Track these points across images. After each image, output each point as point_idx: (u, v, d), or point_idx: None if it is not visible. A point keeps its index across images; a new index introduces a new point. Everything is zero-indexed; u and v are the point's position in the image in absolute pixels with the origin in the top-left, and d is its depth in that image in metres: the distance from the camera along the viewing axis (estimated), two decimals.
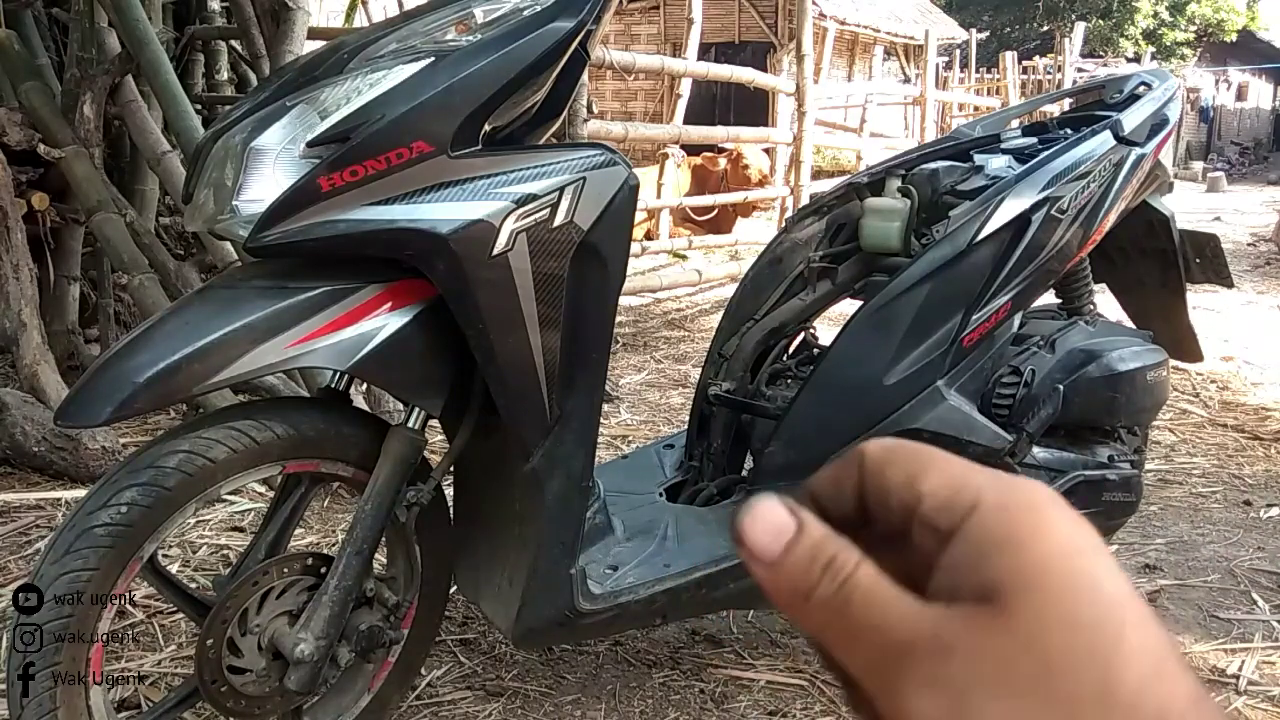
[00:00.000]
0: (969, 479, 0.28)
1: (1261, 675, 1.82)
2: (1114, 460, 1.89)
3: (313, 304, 1.19)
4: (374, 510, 1.29)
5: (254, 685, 1.27)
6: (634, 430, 3.16)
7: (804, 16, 5.65)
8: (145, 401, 1.12)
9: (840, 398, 1.66)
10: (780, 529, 0.28)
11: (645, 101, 13.31)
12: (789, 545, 0.28)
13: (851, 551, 0.28)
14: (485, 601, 1.52)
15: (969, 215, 1.67)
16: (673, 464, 1.91)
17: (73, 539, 1.16)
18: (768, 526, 0.28)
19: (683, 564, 1.54)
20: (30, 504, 2.30)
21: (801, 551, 0.28)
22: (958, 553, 0.27)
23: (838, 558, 0.28)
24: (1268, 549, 2.37)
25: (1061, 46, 15.20)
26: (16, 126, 2.88)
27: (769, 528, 0.28)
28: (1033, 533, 0.26)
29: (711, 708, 1.68)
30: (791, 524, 0.28)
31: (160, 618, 1.87)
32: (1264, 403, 3.56)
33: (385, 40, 1.24)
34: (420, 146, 1.17)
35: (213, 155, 1.24)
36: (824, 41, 12.66)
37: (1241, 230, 9.10)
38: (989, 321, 1.69)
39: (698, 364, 3.67)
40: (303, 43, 3.01)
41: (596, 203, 1.28)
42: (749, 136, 6.67)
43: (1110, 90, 2.08)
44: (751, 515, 0.28)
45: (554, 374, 1.31)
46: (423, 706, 1.67)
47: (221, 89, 3.92)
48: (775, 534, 0.28)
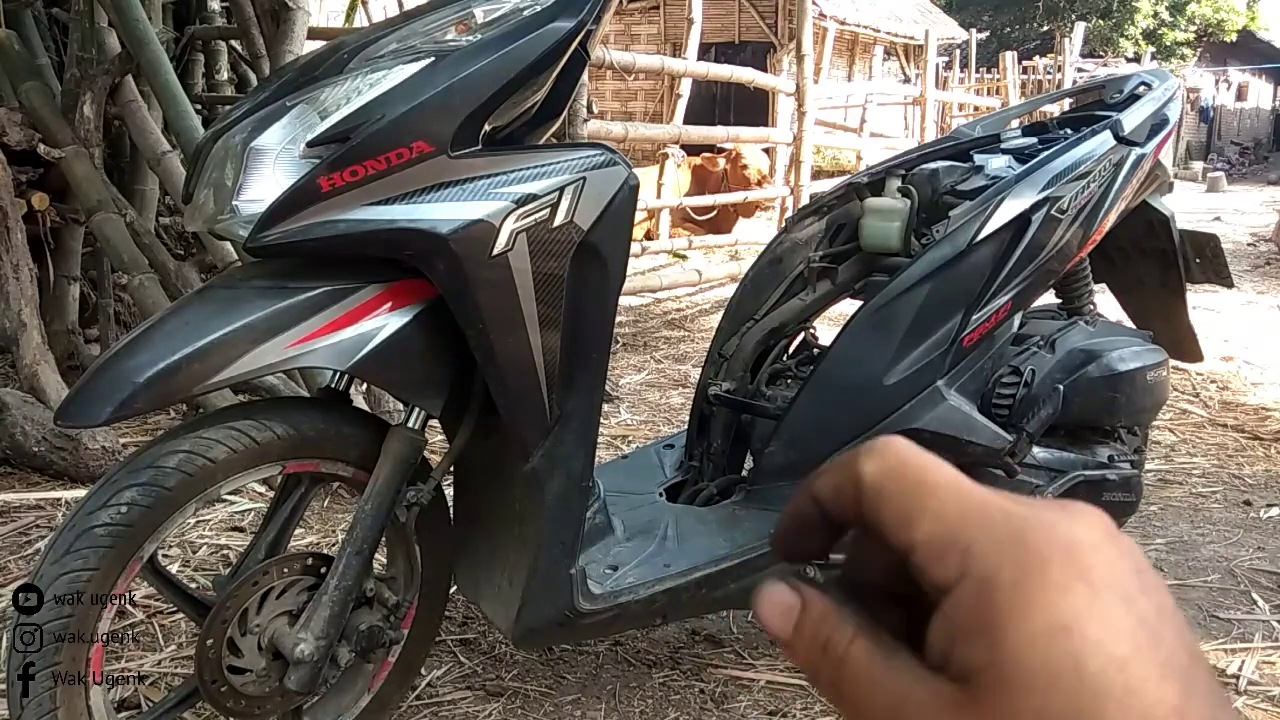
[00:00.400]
0: (961, 533, 0.27)
1: (1261, 675, 1.82)
2: (1114, 460, 1.89)
3: (313, 304, 1.19)
4: (374, 510, 1.29)
5: (254, 685, 1.27)
6: (634, 430, 3.16)
7: (804, 16, 5.65)
8: (145, 401, 1.12)
9: (840, 398, 1.66)
10: (787, 609, 0.30)
11: (645, 101, 13.31)
12: (797, 625, 0.30)
13: (845, 628, 0.29)
14: (485, 601, 1.52)
15: (969, 215, 1.67)
16: (673, 464, 1.91)
17: (73, 539, 1.16)
18: (776, 607, 0.30)
19: (683, 564, 1.54)
20: (30, 504, 2.30)
21: (805, 630, 0.29)
22: (943, 620, 0.27)
23: (834, 637, 0.29)
24: (1268, 549, 2.37)
25: (1061, 46, 15.20)
26: (16, 126, 2.88)
27: (777, 609, 0.30)
28: (1011, 614, 0.25)
29: (711, 708, 1.68)
30: (796, 603, 0.30)
31: (160, 618, 1.87)
32: (1264, 403, 3.56)
33: (385, 40, 1.24)
34: (420, 146, 1.17)
35: (213, 155, 1.24)
36: (824, 41, 12.66)
37: (1241, 230, 9.10)
38: (989, 321, 1.69)
39: (698, 364, 3.67)
40: (303, 43, 3.01)
41: (596, 203, 1.28)
42: (749, 136, 6.67)
43: (1110, 90, 2.08)
44: (763, 597, 0.30)
45: (554, 374, 1.31)
46: (423, 706, 1.67)
47: (221, 89, 3.92)
48: (784, 614, 0.30)
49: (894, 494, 0.29)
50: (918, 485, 0.28)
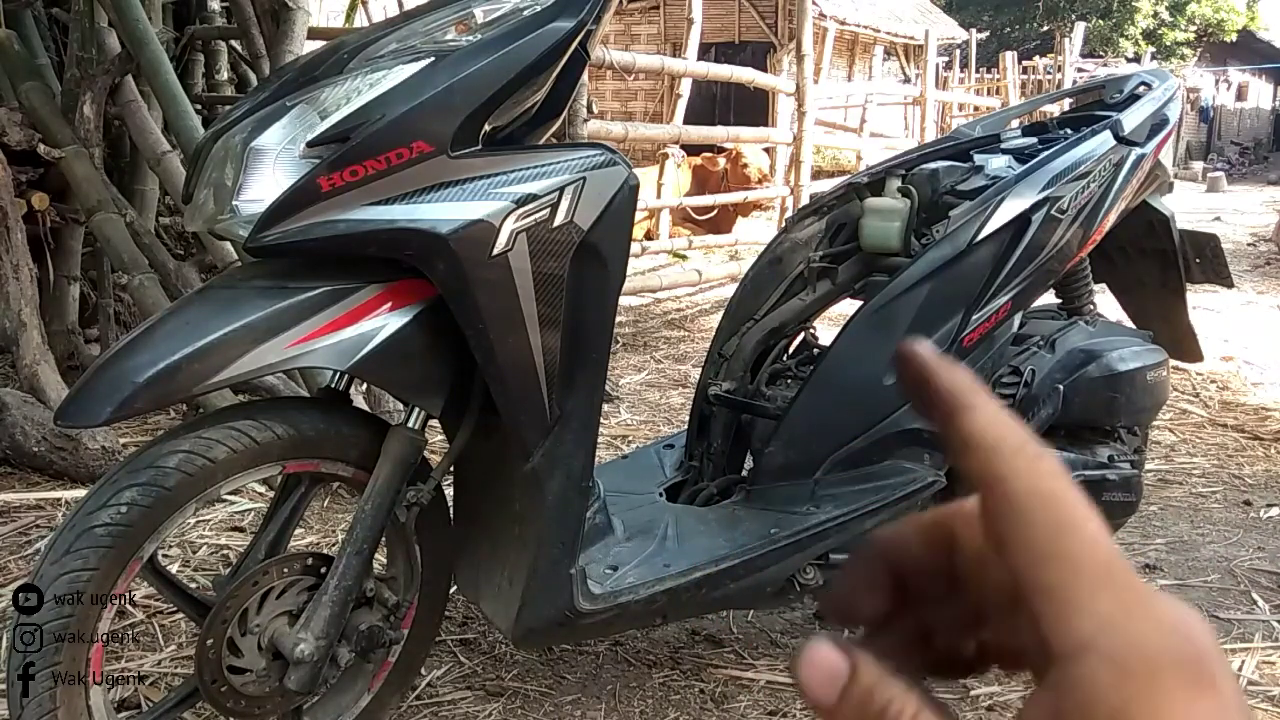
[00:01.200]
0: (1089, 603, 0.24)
1: (1261, 675, 1.82)
2: (1114, 460, 1.89)
3: (313, 304, 1.19)
4: (374, 510, 1.29)
5: (254, 685, 1.27)
6: (634, 430, 3.16)
7: (804, 16, 5.65)
8: (145, 401, 1.12)
9: (840, 398, 1.67)
10: (834, 674, 0.26)
11: (645, 101, 13.31)
12: (844, 692, 0.26)
13: (907, 700, 0.25)
14: (485, 601, 1.52)
15: (969, 215, 1.67)
16: (673, 464, 1.91)
17: (73, 539, 1.16)
18: (820, 671, 0.26)
19: (683, 564, 1.54)
20: (30, 504, 2.30)
21: (853, 698, 0.26)
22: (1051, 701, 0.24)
23: (890, 708, 0.25)
24: (1268, 549, 2.37)
25: (1061, 46, 15.19)
26: (16, 126, 2.88)
27: (822, 673, 0.26)
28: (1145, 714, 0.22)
29: (711, 708, 1.68)
30: (845, 668, 0.26)
31: (160, 618, 1.86)
32: (1264, 403, 3.56)
33: (385, 40, 1.24)
34: (420, 146, 1.17)
35: (213, 155, 1.24)
36: (824, 41, 12.66)
37: (1241, 230, 9.10)
38: (989, 321, 1.69)
39: (698, 364, 3.67)
40: (303, 43, 3.01)
41: (596, 203, 1.28)
42: (749, 136, 6.67)
43: (1110, 90, 2.08)
44: (806, 658, 0.26)
45: (554, 374, 1.31)
46: (423, 706, 1.67)
47: (221, 89, 3.92)
48: (829, 679, 0.26)
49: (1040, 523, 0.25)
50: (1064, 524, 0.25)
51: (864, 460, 1.67)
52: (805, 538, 1.60)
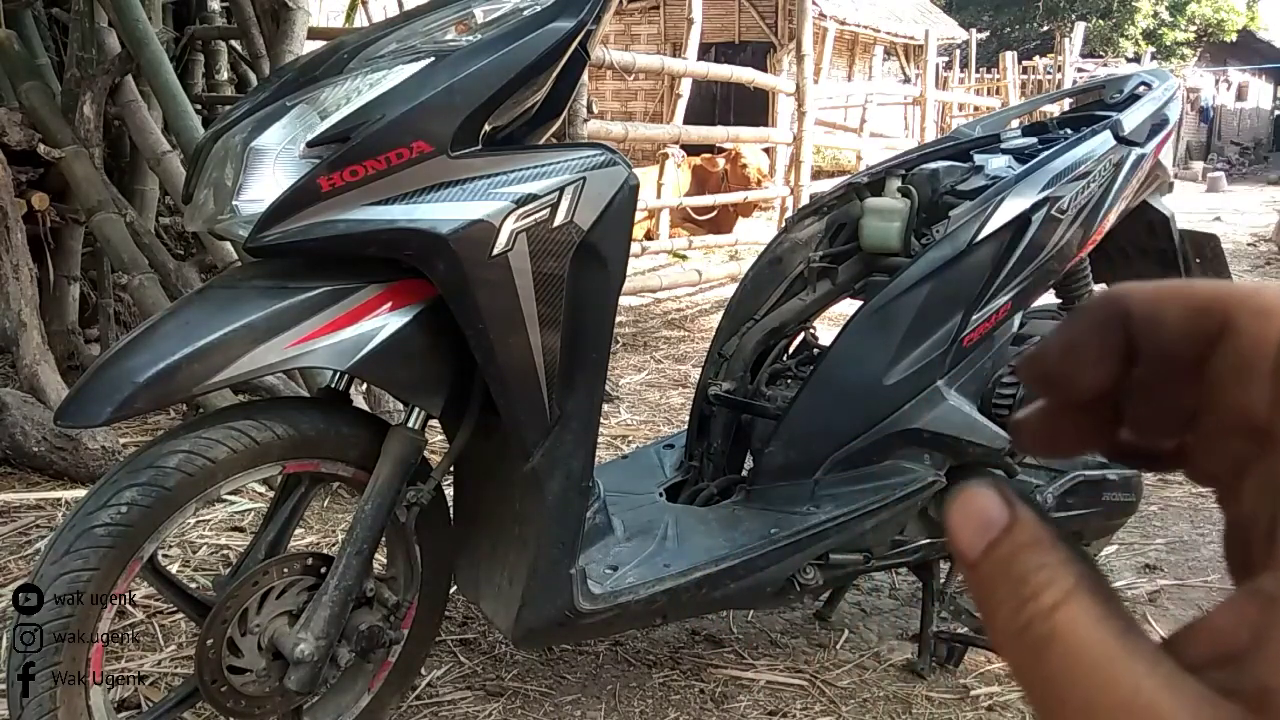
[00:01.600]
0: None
1: None
2: None
3: (313, 304, 1.19)
4: (374, 510, 1.29)
5: (254, 685, 1.27)
6: (634, 430, 3.16)
7: (804, 16, 5.65)
8: (145, 401, 1.12)
9: (840, 398, 1.67)
10: (987, 524, 0.21)
11: (645, 101, 13.31)
12: (990, 546, 0.21)
13: (1060, 573, 0.20)
14: (485, 601, 1.52)
15: (969, 215, 1.67)
16: (673, 464, 1.91)
17: (73, 539, 1.16)
18: (973, 520, 0.22)
19: (683, 564, 1.54)
20: (30, 504, 2.30)
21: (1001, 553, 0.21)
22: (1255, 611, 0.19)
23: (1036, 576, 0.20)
24: None
25: (1061, 46, 15.18)
26: (16, 126, 2.88)
27: (975, 521, 0.22)
28: None
29: (711, 708, 1.68)
30: (1001, 520, 0.21)
31: (160, 618, 1.86)
32: None
33: (385, 40, 1.24)
34: (420, 146, 1.17)
35: (213, 155, 1.24)
36: (824, 41, 12.66)
37: (1241, 230, 9.10)
38: (989, 321, 1.69)
39: (698, 364, 3.67)
40: (303, 43, 3.01)
41: (596, 203, 1.28)
42: (749, 136, 6.67)
43: (1110, 90, 2.08)
44: (961, 501, 0.22)
45: (554, 374, 1.31)
46: (423, 706, 1.67)
47: (221, 89, 3.92)
48: (980, 528, 0.21)
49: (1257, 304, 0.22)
50: None
51: (864, 460, 1.67)
52: (805, 538, 1.60)
